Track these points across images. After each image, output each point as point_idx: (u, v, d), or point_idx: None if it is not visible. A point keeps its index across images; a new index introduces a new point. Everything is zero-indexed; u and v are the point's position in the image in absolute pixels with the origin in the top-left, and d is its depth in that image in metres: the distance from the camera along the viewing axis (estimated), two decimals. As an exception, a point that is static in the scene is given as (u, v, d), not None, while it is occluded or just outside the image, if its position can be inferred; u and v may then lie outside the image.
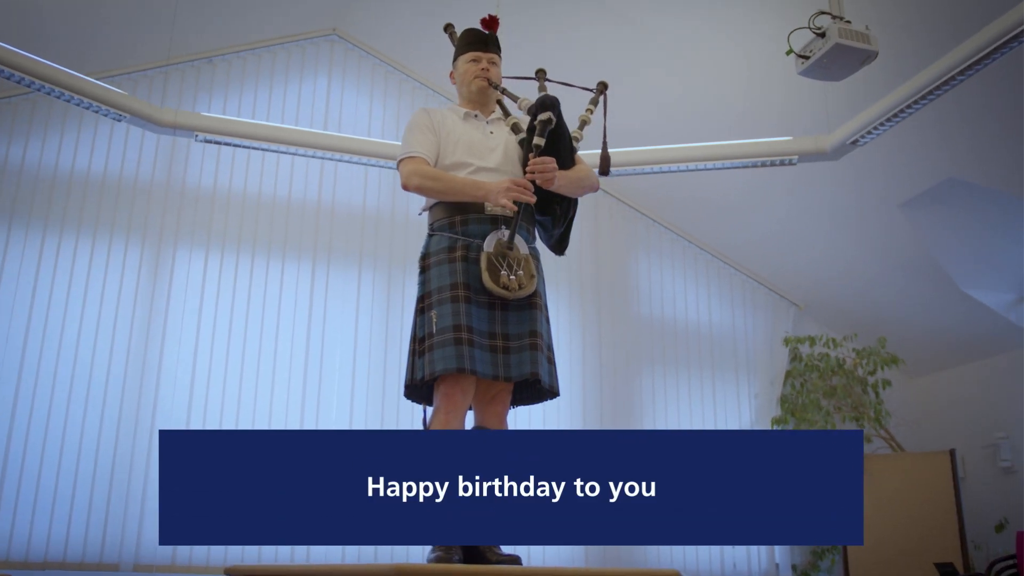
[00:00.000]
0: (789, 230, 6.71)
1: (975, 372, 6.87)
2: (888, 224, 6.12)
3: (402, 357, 6.13)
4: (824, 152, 4.81)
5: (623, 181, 6.70)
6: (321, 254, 6.17)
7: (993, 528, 6.42)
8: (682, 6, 5.31)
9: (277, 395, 5.81)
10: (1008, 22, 3.83)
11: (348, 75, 6.58)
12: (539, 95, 3.02)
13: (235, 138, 4.95)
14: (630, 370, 6.78)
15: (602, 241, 6.97)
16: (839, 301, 7.07)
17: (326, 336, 6.04)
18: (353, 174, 6.36)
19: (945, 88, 4.21)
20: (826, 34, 3.71)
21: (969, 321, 6.51)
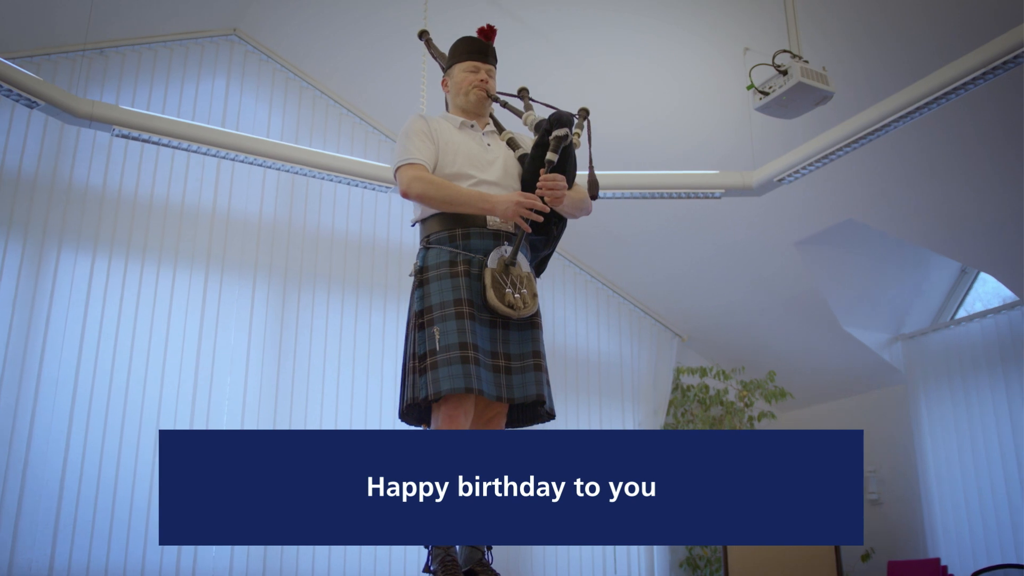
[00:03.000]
0: (680, 262, 6.89)
1: (849, 407, 7.22)
2: (781, 261, 6.39)
3: (295, 371, 5.90)
4: (750, 188, 4.94)
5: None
6: (215, 262, 5.86)
7: (860, 558, 6.73)
8: (609, 34, 5.39)
9: (165, 407, 5.45)
10: (944, 77, 4.06)
11: (247, 78, 6.32)
12: (553, 111, 2.91)
13: (158, 136, 4.61)
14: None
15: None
16: (723, 334, 7.31)
17: (217, 347, 5.72)
18: (252, 179, 6.10)
19: (873, 136, 4.42)
20: (788, 72, 3.82)
21: (847, 358, 6.86)
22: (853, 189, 5.71)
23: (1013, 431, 6.08)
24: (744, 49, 5.24)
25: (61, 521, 5.02)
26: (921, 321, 6.91)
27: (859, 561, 6.75)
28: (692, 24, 5.15)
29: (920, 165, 5.41)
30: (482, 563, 2.78)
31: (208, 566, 5.39)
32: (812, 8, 4.58)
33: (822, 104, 3.93)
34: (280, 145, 5.24)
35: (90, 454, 5.18)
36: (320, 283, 6.19)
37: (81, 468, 5.14)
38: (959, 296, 6.92)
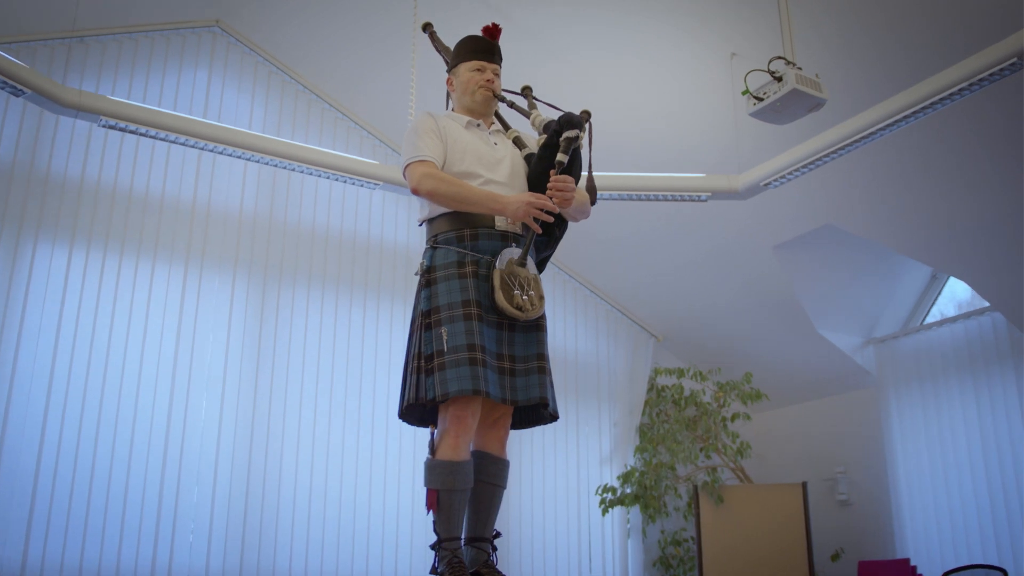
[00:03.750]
0: (659, 264, 6.94)
1: (821, 409, 7.33)
2: (759, 265, 6.46)
3: (275, 369, 5.86)
4: (736, 191, 4.99)
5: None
6: (195, 256, 5.79)
7: (829, 558, 6.83)
8: (599, 34, 5.41)
9: (142, 403, 5.39)
10: (927, 89, 4.15)
11: (230, 70, 6.25)
12: (563, 112, 2.92)
13: (146, 127, 4.54)
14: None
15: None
16: (700, 335, 7.37)
17: (196, 343, 5.66)
18: (233, 173, 6.04)
19: (859, 144, 4.49)
20: (783, 79, 3.86)
21: (820, 361, 6.96)
22: (832, 195, 5.79)
23: (981, 434, 6.21)
24: (731, 54, 5.31)
25: (35, 518, 4.94)
26: (892, 325, 7.03)
27: (829, 561, 6.85)
28: (682, 23, 5.18)
29: (897, 172, 5.49)
30: (488, 564, 2.79)
31: (184, 562, 5.33)
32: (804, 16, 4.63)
33: (815, 111, 3.98)
34: (263, 138, 5.15)
35: (65, 450, 5.10)
36: (300, 279, 6.15)
37: (56, 464, 5.06)
38: (929, 301, 7.05)
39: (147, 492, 5.29)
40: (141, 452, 5.32)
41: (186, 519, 5.39)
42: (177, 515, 5.35)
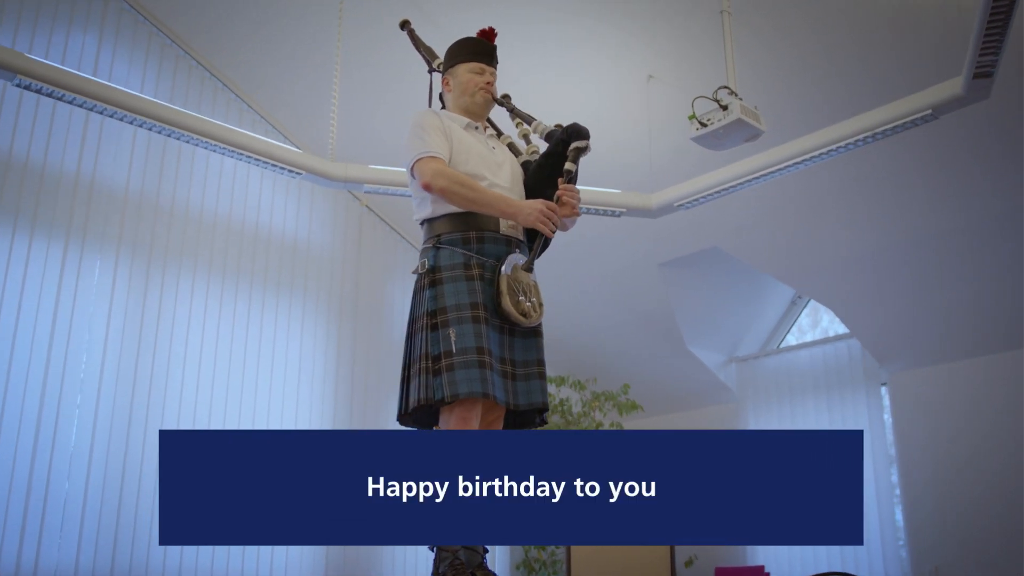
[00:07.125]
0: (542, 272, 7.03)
1: (684, 421, 7.62)
2: (643, 280, 6.69)
3: (156, 355, 5.56)
4: (649, 210, 5.12)
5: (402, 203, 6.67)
6: (76, 233, 5.42)
7: (683, 564, 7.13)
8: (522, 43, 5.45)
9: (13, 386, 4.99)
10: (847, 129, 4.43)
11: (122, 38, 5.88)
12: (569, 123, 2.94)
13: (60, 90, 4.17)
14: (380, 392, 6.71)
15: (363, 262, 6.89)
16: (577, 345, 7.51)
17: (73, 325, 5.29)
18: (121, 144, 5.71)
19: (775, 174, 4.74)
20: (729, 108, 4.03)
21: (687, 375, 7.28)
22: (724, 218, 6.07)
23: (832, 451, 6.66)
24: (648, 76, 5.50)
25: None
26: (753, 346, 7.44)
27: (683, 567, 7.13)
28: (603, 46, 5.33)
29: (782, 203, 5.84)
30: (481, 566, 2.77)
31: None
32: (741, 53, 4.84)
33: (751, 141, 4.19)
34: (153, 103, 4.69)
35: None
36: (186, 264, 5.87)
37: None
38: (787, 326, 7.52)
39: (15, 484, 4.89)
40: (8, 447, 4.92)
41: (55, 514, 5.02)
42: (46, 510, 4.97)
